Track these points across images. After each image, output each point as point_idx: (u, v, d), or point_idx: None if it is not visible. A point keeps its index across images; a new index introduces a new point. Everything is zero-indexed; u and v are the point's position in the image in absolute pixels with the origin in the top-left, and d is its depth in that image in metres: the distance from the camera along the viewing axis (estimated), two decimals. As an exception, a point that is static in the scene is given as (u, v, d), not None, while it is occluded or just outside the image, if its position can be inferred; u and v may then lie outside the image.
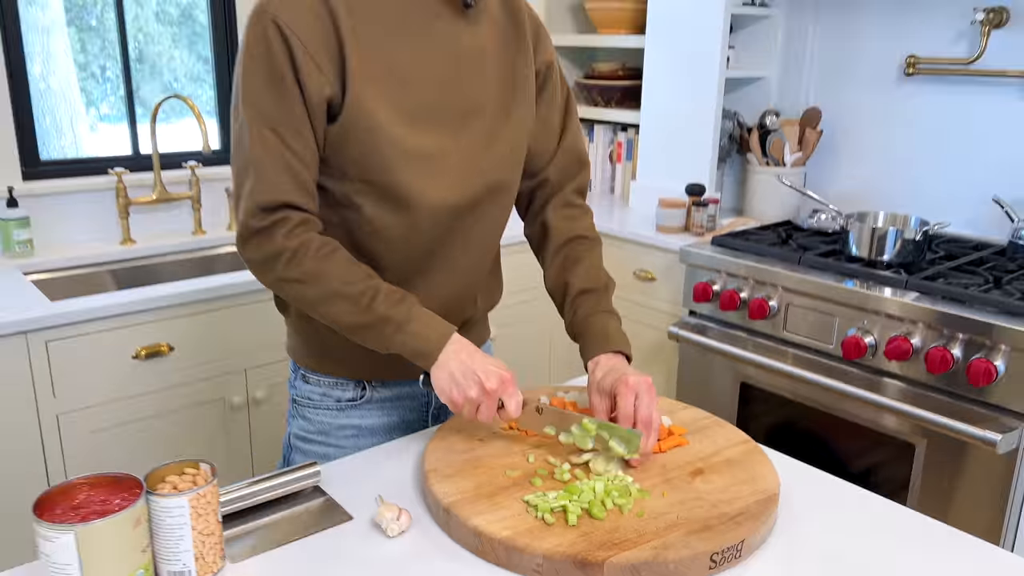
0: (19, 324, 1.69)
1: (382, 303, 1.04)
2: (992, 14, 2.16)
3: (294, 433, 1.27)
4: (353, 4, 1.02)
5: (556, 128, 1.28)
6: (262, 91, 1.00)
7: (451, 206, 1.12)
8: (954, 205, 2.34)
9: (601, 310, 1.20)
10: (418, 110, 1.06)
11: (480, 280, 1.25)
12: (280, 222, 1.03)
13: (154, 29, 2.42)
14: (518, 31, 1.18)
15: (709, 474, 1.03)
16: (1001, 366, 1.72)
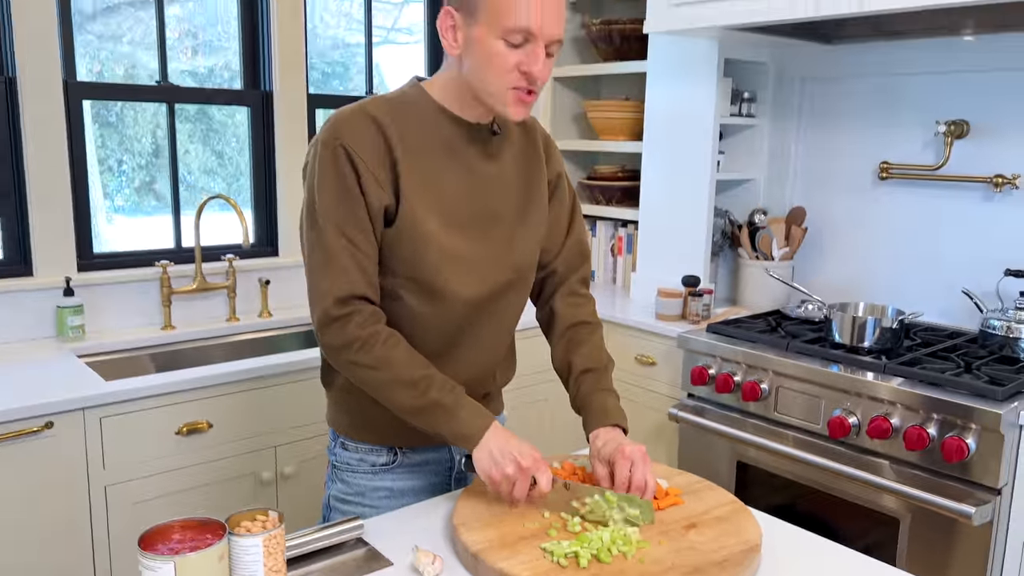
0: (79, 401, 1.86)
1: (436, 391, 1.23)
2: (953, 126, 2.41)
3: (333, 495, 1.43)
4: (402, 133, 1.25)
5: (564, 227, 1.49)
6: (336, 202, 1.22)
7: (478, 297, 1.32)
8: (928, 296, 2.54)
9: (601, 388, 1.38)
10: (453, 219, 1.28)
11: (499, 359, 1.44)
12: (355, 313, 1.23)
13: (168, 125, 2.59)
14: (534, 150, 1.41)
15: (701, 528, 1.19)
16: (972, 444, 1.88)
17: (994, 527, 1.89)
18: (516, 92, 1.21)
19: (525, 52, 1.19)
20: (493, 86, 1.21)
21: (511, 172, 1.36)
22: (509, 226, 1.35)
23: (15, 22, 2.18)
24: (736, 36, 2.56)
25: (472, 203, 1.30)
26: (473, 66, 1.22)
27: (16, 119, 2.24)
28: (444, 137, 1.28)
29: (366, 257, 1.24)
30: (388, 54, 3.07)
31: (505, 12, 1.16)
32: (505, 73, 1.19)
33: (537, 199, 1.40)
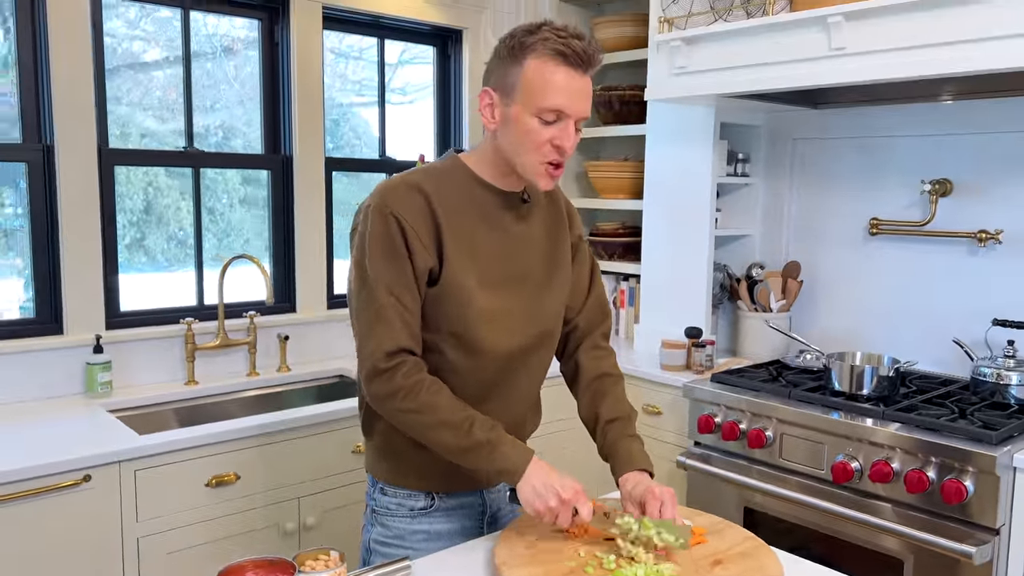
0: (115, 455, 1.93)
1: (479, 430, 1.33)
2: (937, 185, 2.56)
3: (373, 539, 1.51)
4: (444, 202, 1.37)
5: (585, 286, 1.61)
6: (386, 264, 1.33)
7: (512, 351, 1.44)
8: (921, 346, 2.66)
9: (626, 435, 1.48)
10: (489, 278, 1.40)
11: (529, 409, 1.54)
12: (400, 364, 1.33)
13: (163, 183, 2.67)
14: (558, 216, 1.54)
15: (726, 564, 1.28)
16: (970, 486, 1.98)
17: (994, 566, 1.98)
18: (547, 166, 1.35)
19: (557, 128, 1.32)
20: (527, 158, 1.34)
21: (539, 235, 1.49)
22: (538, 284, 1.47)
23: (54, 94, 2.30)
24: (731, 102, 2.73)
25: (505, 263, 1.42)
26: (510, 140, 1.35)
27: (53, 183, 2.35)
28: (480, 204, 1.41)
29: (410, 314, 1.35)
30: (376, 115, 3.18)
31: (540, 94, 1.30)
32: (539, 146, 1.33)
33: (562, 260, 1.52)
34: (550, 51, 1.29)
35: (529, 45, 1.30)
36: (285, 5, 2.76)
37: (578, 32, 1.33)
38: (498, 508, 1.57)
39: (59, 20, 2.29)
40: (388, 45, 3.12)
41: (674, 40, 2.49)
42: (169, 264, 2.70)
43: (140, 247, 2.67)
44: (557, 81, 1.30)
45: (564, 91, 1.30)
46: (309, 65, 2.79)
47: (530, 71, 1.30)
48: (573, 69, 1.31)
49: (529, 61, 1.30)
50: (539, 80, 1.30)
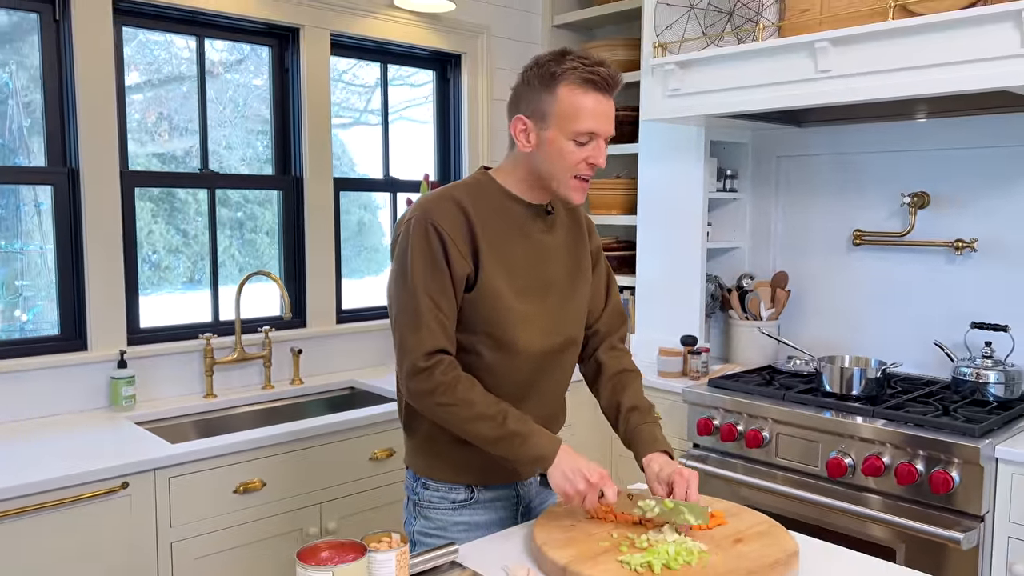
0: (151, 463, 2.02)
1: (512, 422, 1.45)
2: (916, 197, 2.73)
3: (417, 531, 1.62)
4: (479, 213, 1.51)
5: (603, 294, 1.75)
6: (425, 271, 1.46)
7: (541, 351, 1.56)
8: (905, 348, 2.82)
9: (647, 421, 1.61)
10: (521, 283, 1.53)
11: (558, 407, 1.66)
12: (438, 363, 1.45)
13: (137, 205, 2.62)
14: (579, 228, 1.68)
15: (747, 541, 1.40)
16: (956, 476, 2.12)
17: (980, 550, 2.12)
18: (578, 180, 1.49)
19: (590, 148, 1.47)
20: (563, 176, 1.49)
21: (563, 245, 1.62)
22: (562, 291, 1.60)
23: (80, 118, 2.40)
24: (719, 121, 2.88)
25: (534, 270, 1.55)
26: (546, 160, 1.49)
27: (78, 205, 2.44)
28: (511, 215, 1.54)
29: (447, 317, 1.48)
30: (359, 135, 3.27)
31: (574, 120, 1.45)
32: (574, 165, 1.48)
33: (583, 268, 1.66)
34: (579, 79, 1.43)
35: (559, 74, 1.44)
36: (296, 33, 2.88)
37: (600, 59, 1.47)
38: (531, 500, 1.69)
39: (84, 46, 2.40)
40: (373, 66, 3.24)
41: (668, 64, 2.64)
42: (143, 288, 2.69)
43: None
44: (588, 106, 1.44)
45: (595, 115, 1.45)
46: (318, 89, 2.91)
47: (563, 98, 1.44)
48: (601, 94, 1.45)
49: (561, 89, 1.44)
50: (572, 106, 1.44)
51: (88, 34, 2.40)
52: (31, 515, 1.86)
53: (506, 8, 3.49)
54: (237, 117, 2.89)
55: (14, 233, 2.45)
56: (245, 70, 2.90)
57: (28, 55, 2.41)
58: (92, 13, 2.40)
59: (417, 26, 3.18)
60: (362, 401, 2.83)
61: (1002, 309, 2.61)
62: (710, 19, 2.56)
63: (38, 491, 1.86)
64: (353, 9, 2.98)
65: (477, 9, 3.38)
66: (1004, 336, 2.58)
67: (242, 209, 2.92)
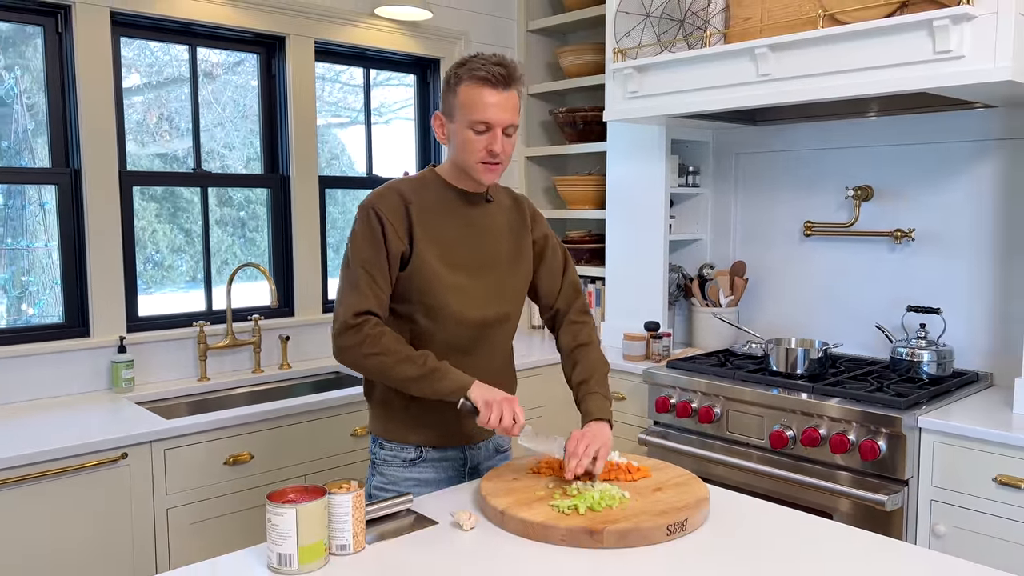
0: (148, 435, 2.23)
1: (432, 361, 1.67)
2: (859, 190, 2.93)
3: (374, 485, 1.84)
4: (418, 201, 1.74)
5: (559, 274, 1.94)
6: (364, 247, 1.70)
7: (474, 321, 1.77)
8: (851, 331, 3.02)
9: (589, 392, 1.79)
10: (455, 260, 1.75)
11: (498, 377, 1.87)
12: (366, 321, 1.67)
13: (139, 205, 2.83)
14: (521, 218, 1.89)
15: (665, 490, 1.61)
16: (883, 445, 2.33)
17: (905, 512, 2.32)
18: (484, 164, 1.70)
19: (487, 137, 1.67)
20: (470, 161, 1.70)
21: (503, 230, 1.84)
22: (500, 270, 1.82)
23: (81, 123, 2.61)
24: (681, 121, 3.08)
25: (469, 248, 1.78)
26: (456, 149, 1.72)
27: (80, 203, 2.65)
28: (448, 202, 1.77)
29: (379, 288, 1.70)
30: (355, 134, 3.48)
31: (471, 111, 1.66)
32: (476, 151, 1.69)
33: (523, 254, 1.87)
34: (476, 77, 1.65)
35: (461, 75, 1.67)
36: (282, 41, 3.08)
37: (499, 59, 1.67)
38: (479, 463, 1.90)
39: (85, 56, 2.60)
40: (361, 72, 3.45)
41: (627, 68, 2.84)
42: (147, 287, 2.88)
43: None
44: (482, 99, 1.65)
45: (487, 107, 1.65)
46: (303, 94, 3.12)
47: (462, 95, 1.67)
48: (494, 88, 1.65)
49: (461, 88, 1.67)
50: (469, 101, 1.66)
51: (88, 45, 2.61)
52: (38, 481, 2.07)
53: (483, 15, 3.69)
54: (236, 118, 3.09)
55: (20, 231, 2.66)
56: (243, 72, 3.10)
57: (31, 59, 2.61)
58: (92, 26, 2.61)
59: (397, 33, 3.38)
60: (347, 384, 3.03)
61: (936, 294, 2.81)
62: (663, 26, 2.76)
63: (44, 459, 2.07)
64: (336, 18, 3.18)
65: (455, 16, 3.58)
66: (937, 319, 2.78)
67: (244, 209, 3.12)
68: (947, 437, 2.27)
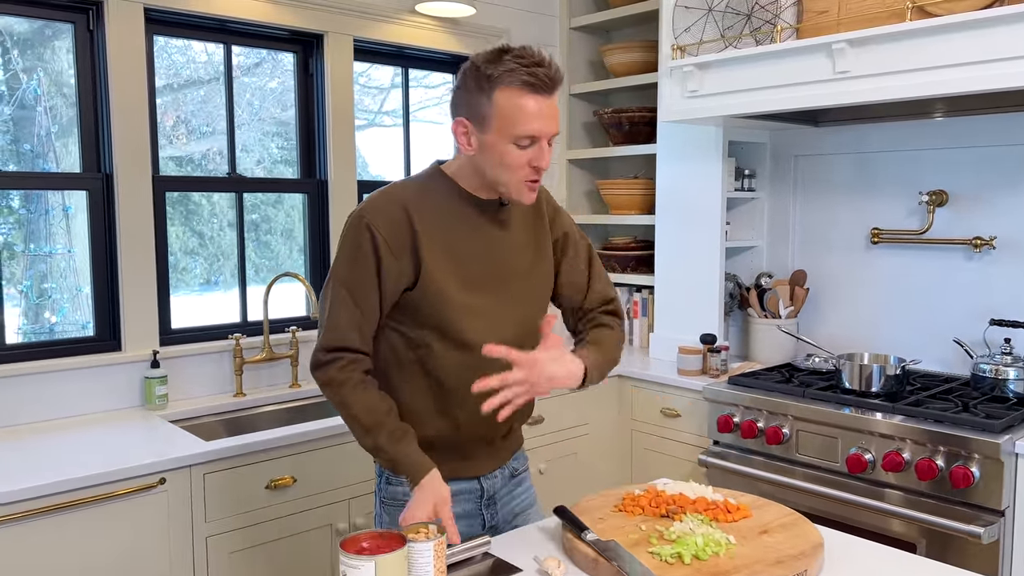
0: (188, 459, 2.08)
1: (384, 438, 1.50)
2: (934, 196, 2.76)
3: (384, 524, 1.64)
4: (424, 212, 1.50)
5: (584, 273, 1.71)
6: (348, 267, 1.49)
7: (496, 343, 1.50)
8: (923, 346, 2.84)
9: (588, 344, 1.62)
10: (469, 279, 1.53)
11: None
12: (337, 360, 1.50)
13: (165, 210, 2.67)
14: (539, 215, 1.65)
15: (772, 533, 1.44)
16: (976, 472, 2.15)
17: (1001, 545, 2.14)
18: (527, 183, 1.48)
19: (533, 151, 1.45)
20: (509, 179, 1.47)
21: (520, 237, 1.60)
22: (519, 283, 1.59)
23: (114, 124, 2.47)
24: (737, 121, 2.91)
25: (486, 264, 1.55)
26: (489, 164, 1.47)
27: (112, 210, 2.51)
28: (461, 212, 1.54)
29: (362, 314, 1.49)
30: (373, 137, 3.30)
31: (513, 123, 1.41)
32: (518, 169, 1.46)
33: (544, 258, 1.64)
34: (518, 82, 1.40)
35: (496, 77, 1.40)
36: (320, 39, 2.93)
37: (539, 58, 1.42)
38: (495, 492, 1.68)
39: (118, 54, 2.46)
40: (386, 69, 3.29)
41: (687, 66, 2.67)
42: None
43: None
44: (528, 109, 1.41)
45: (535, 117, 1.41)
46: (342, 94, 2.97)
47: (501, 102, 1.41)
48: (539, 95, 1.41)
49: (498, 93, 1.41)
50: (510, 110, 1.41)
51: (121, 43, 2.47)
52: (72, 511, 1.92)
53: (524, 12, 3.54)
54: (254, 120, 2.95)
55: (41, 236, 2.52)
56: (262, 73, 2.95)
57: (51, 61, 2.47)
58: (125, 23, 2.47)
59: (437, 30, 3.23)
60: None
61: (1021, 306, 2.63)
62: (728, 21, 2.59)
63: (78, 487, 1.92)
64: (375, 15, 3.03)
65: (496, 13, 3.43)
66: (1023, 333, 2.60)
67: (257, 211, 2.98)
68: (1048, 464, 2.09)
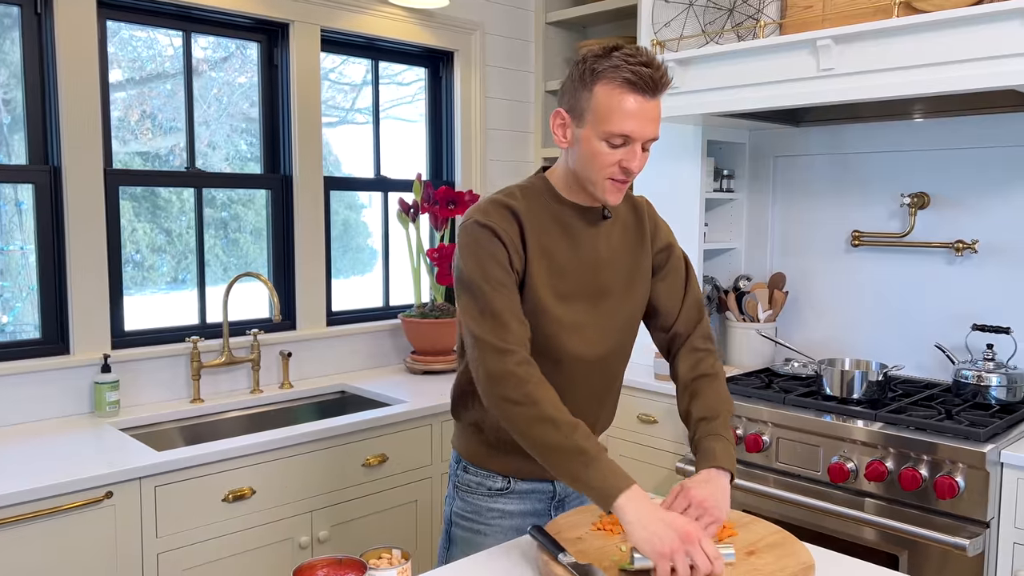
0: (137, 471, 1.95)
1: (582, 437, 1.32)
2: (915, 198, 2.70)
3: (454, 511, 1.63)
4: (529, 217, 1.47)
5: (680, 292, 1.64)
6: (492, 266, 1.42)
7: (586, 359, 1.52)
8: (904, 351, 2.79)
9: (711, 434, 1.49)
10: (567, 292, 1.49)
11: (600, 413, 1.63)
12: (514, 352, 1.38)
13: (119, 205, 2.54)
14: (641, 229, 1.60)
15: (760, 553, 1.35)
16: (961, 482, 2.09)
17: (986, 557, 2.08)
18: (612, 182, 1.43)
19: (624, 151, 1.39)
20: (596, 177, 1.43)
21: (619, 250, 1.56)
22: (615, 298, 1.55)
23: (62, 115, 2.32)
24: (716, 120, 2.84)
25: (582, 277, 1.51)
26: (579, 159, 1.44)
27: (60, 205, 2.36)
28: (562, 220, 1.50)
29: (519, 310, 1.43)
30: (345, 134, 3.19)
31: (607, 120, 1.37)
32: (606, 167, 1.41)
33: (642, 274, 1.59)
34: (619, 78, 1.36)
35: (600, 71, 1.37)
36: (285, 28, 2.81)
37: (647, 58, 1.38)
38: (567, 495, 1.66)
39: (67, 41, 2.32)
40: (360, 64, 3.18)
41: (667, 62, 2.59)
42: (126, 288, 2.61)
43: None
44: (624, 107, 1.36)
45: (631, 117, 1.36)
46: (308, 87, 2.84)
47: (599, 97, 1.37)
48: (640, 95, 1.37)
49: (598, 87, 1.37)
50: (607, 106, 1.37)
51: (71, 28, 2.33)
52: (11, 527, 1.79)
53: (499, 5, 3.44)
54: (222, 115, 2.82)
55: (-6, 233, 2.37)
56: (231, 68, 2.83)
57: (9, 52, 2.33)
58: (75, 6, 2.33)
59: (409, 22, 3.11)
60: (353, 405, 2.76)
61: (1003, 311, 2.59)
62: (709, 16, 2.51)
63: (18, 502, 1.79)
64: (344, 4, 2.91)
65: (470, 6, 3.32)
66: (1006, 338, 2.55)
67: (227, 209, 2.85)
68: (1034, 474, 2.04)
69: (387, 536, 2.46)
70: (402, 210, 3.05)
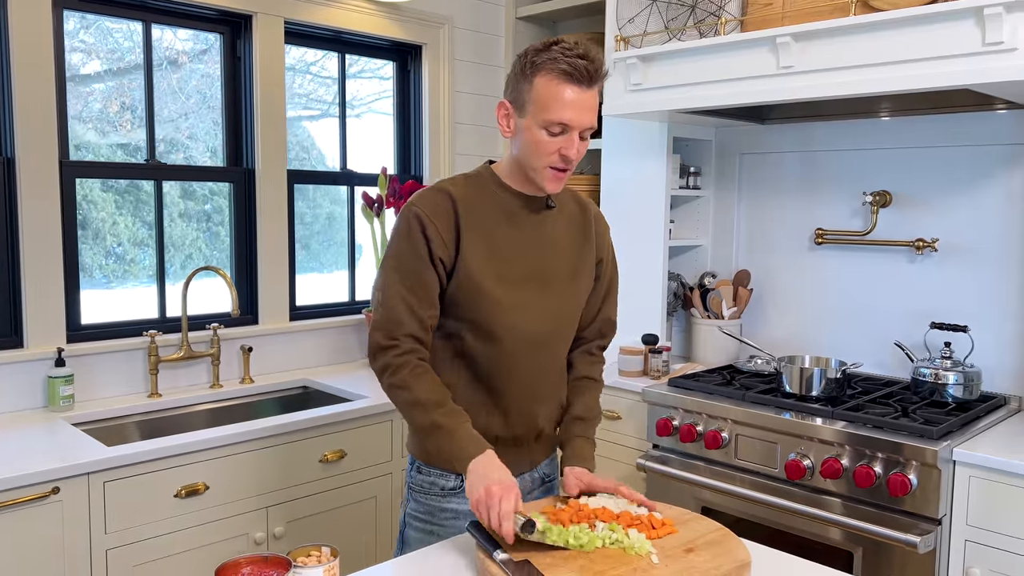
0: (84, 466, 1.93)
1: (441, 414, 1.46)
2: (877, 196, 2.71)
3: (408, 512, 1.65)
4: (468, 203, 1.52)
5: (599, 303, 1.76)
6: (402, 257, 1.49)
7: (524, 340, 1.56)
8: (866, 348, 2.80)
9: (583, 435, 1.64)
10: (508, 276, 1.53)
11: (544, 401, 1.65)
12: (396, 346, 1.49)
13: (98, 196, 2.58)
14: (586, 228, 1.67)
15: (698, 551, 1.35)
16: (914, 479, 2.10)
17: (937, 554, 2.10)
18: (553, 171, 1.48)
19: (563, 139, 1.46)
20: (536, 164, 1.49)
21: (564, 240, 1.61)
22: (558, 284, 1.60)
23: (16, 105, 2.29)
24: (682, 117, 2.84)
25: (525, 260, 1.56)
26: (522, 148, 1.50)
27: (13, 197, 2.33)
28: (503, 206, 1.55)
29: (418, 302, 1.50)
30: (328, 127, 3.19)
31: (546, 109, 1.44)
32: (546, 155, 1.47)
33: (585, 268, 1.66)
34: (557, 70, 1.43)
35: (539, 64, 1.45)
36: (248, 20, 2.78)
37: (584, 51, 1.45)
38: (523, 493, 1.66)
39: (21, 30, 2.28)
40: (335, 59, 3.16)
41: (630, 58, 2.58)
42: (108, 282, 2.62)
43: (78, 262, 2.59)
44: (562, 97, 1.43)
45: (568, 106, 1.43)
46: (271, 79, 2.82)
47: (538, 88, 1.45)
48: (577, 85, 1.44)
49: (538, 79, 1.45)
50: (545, 96, 1.44)
51: (25, 17, 2.29)
52: (-47, 523, 1.77)
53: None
54: (203, 108, 2.79)
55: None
56: (210, 60, 2.80)
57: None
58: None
59: (376, 15, 3.09)
60: (315, 401, 2.75)
61: (962, 309, 2.60)
62: (672, 12, 2.51)
63: (-40, 497, 1.77)
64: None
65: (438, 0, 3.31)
66: (963, 337, 2.56)
67: (209, 201, 2.82)
68: (984, 471, 2.05)
69: (345, 533, 2.45)
70: (366, 204, 3.03)
